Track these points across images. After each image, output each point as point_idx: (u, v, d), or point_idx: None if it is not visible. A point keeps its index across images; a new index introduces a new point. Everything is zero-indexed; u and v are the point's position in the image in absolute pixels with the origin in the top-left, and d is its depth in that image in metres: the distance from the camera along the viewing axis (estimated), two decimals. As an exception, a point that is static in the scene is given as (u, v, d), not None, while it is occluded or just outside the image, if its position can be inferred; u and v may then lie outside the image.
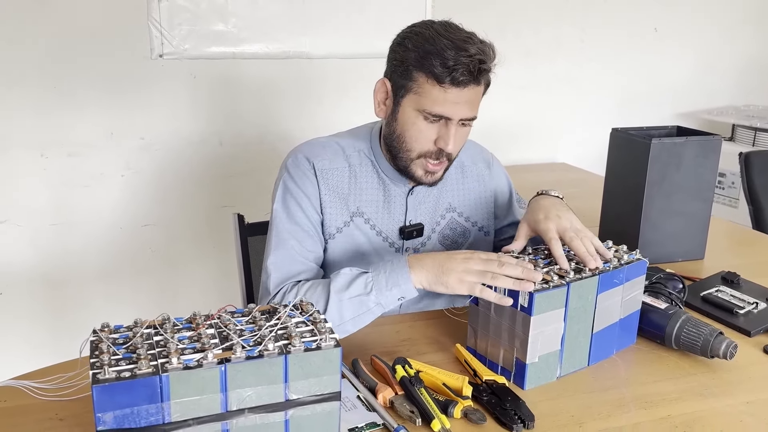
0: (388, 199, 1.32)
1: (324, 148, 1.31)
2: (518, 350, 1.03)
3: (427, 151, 1.22)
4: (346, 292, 1.11)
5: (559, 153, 2.84)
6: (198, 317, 0.85)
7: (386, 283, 1.11)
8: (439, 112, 1.17)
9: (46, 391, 0.98)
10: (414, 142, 1.22)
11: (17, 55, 2.03)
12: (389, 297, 1.11)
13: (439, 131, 1.20)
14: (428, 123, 1.19)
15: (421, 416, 0.93)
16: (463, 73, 1.14)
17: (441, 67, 1.14)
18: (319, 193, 1.27)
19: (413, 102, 1.19)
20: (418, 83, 1.18)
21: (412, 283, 1.10)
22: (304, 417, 0.81)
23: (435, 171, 1.24)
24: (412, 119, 1.20)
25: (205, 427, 0.76)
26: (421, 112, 1.19)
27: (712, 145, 1.57)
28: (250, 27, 2.23)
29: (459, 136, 1.22)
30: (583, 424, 0.95)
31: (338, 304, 1.10)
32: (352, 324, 1.12)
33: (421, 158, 1.23)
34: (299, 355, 0.78)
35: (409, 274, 1.10)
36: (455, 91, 1.16)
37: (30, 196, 2.15)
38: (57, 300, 2.24)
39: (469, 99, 1.18)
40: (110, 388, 0.72)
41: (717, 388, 1.06)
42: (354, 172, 1.30)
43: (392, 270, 1.12)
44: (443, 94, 1.16)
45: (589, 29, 2.73)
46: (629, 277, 1.12)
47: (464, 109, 1.18)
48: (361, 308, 1.11)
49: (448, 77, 1.14)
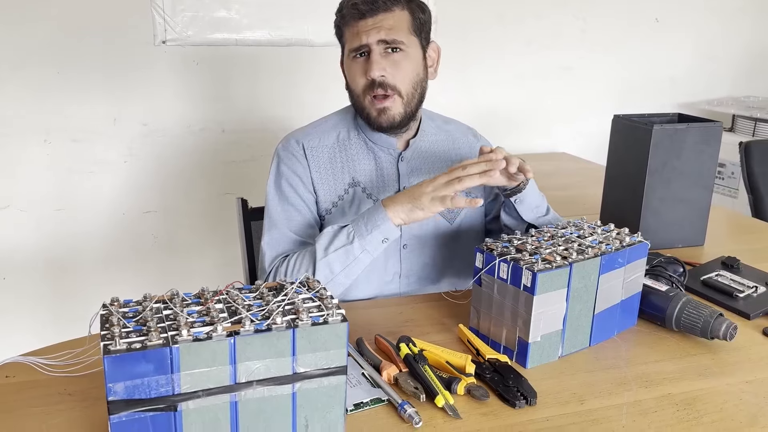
0: (380, 166, 1.36)
1: (315, 128, 1.38)
2: (521, 329, 1.04)
3: (364, 85, 1.29)
4: (330, 246, 1.18)
5: (559, 143, 2.85)
6: (206, 293, 0.86)
7: (366, 228, 1.17)
8: (357, 44, 1.27)
9: (54, 367, 0.99)
10: (353, 83, 1.31)
11: (21, 41, 2.04)
12: (372, 241, 1.17)
13: (365, 64, 1.28)
14: (355, 61, 1.29)
15: (425, 392, 0.94)
16: (363, 2, 1.24)
17: (348, 7, 1.27)
18: (310, 172, 1.33)
19: (346, 53, 1.32)
20: (344, 37, 1.31)
21: (391, 221, 1.17)
22: (311, 390, 0.82)
23: (385, 107, 1.29)
24: (348, 66, 1.32)
25: (215, 398, 0.77)
26: (349, 56, 1.31)
27: (713, 131, 1.58)
28: (252, 14, 2.24)
29: (390, 63, 1.27)
30: (584, 401, 0.96)
31: (325, 260, 1.17)
32: (344, 275, 1.18)
33: (367, 98, 1.29)
34: (307, 329, 0.80)
35: (386, 213, 1.17)
36: (362, 23, 1.26)
37: (33, 182, 2.16)
38: (60, 285, 2.26)
39: (383, 25, 1.26)
40: (121, 359, 0.73)
41: (717, 368, 1.07)
42: (343, 146, 1.36)
43: (369, 215, 1.18)
44: (354, 29, 1.27)
45: (589, 19, 2.74)
46: (630, 259, 1.14)
47: (377, 34, 1.25)
48: (348, 258, 1.17)
49: (347, 12, 1.27)
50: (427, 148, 1.39)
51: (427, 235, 1.37)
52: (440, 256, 1.40)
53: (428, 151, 1.39)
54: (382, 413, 0.92)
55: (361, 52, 1.28)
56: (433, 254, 1.39)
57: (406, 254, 1.36)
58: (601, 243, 1.12)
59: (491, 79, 2.64)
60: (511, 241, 1.11)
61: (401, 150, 1.37)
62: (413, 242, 1.36)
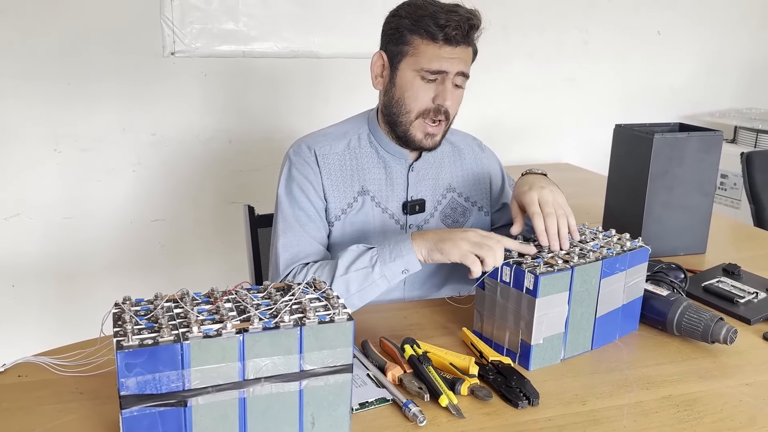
0: (390, 176, 1.37)
1: (325, 136, 1.38)
2: (523, 332, 1.06)
3: (426, 109, 1.28)
4: (352, 266, 1.18)
5: (562, 153, 2.88)
6: (216, 292, 0.89)
7: (390, 255, 1.17)
8: (437, 67, 1.25)
9: (65, 367, 1.01)
10: (413, 102, 1.28)
11: (33, 51, 2.08)
12: (393, 269, 1.17)
13: (436, 89, 1.28)
14: (425, 82, 1.27)
15: (429, 392, 0.96)
16: (455, 29, 1.23)
17: (434, 26, 1.23)
18: (321, 179, 1.34)
19: (410, 64, 1.27)
20: (413, 45, 1.26)
21: (415, 254, 1.16)
22: (318, 387, 0.84)
23: (434, 133, 1.31)
24: (410, 80, 1.28)
25: (224, 394, 0.79)
26: (418, 72, 1.26)
27: (714, 140, 1.60)
28: (260, 26, 2.28)
29: (455, 96, 1.29)
30: (586, 402, 0.98)
31: (345, 277, 1.17)
32: (358, 297, 1.18)
33: (419, 119, 1.29)
34: (314, 327, 0.82)
35: (411, 245, 1.17)
36: (449, 49, 1.25)
37: (43, 190, 2.19)
38: (68, 292, 2.28)
39: (462, 57, 1.27)
40: (133, 354, 0.75)
41: (717, 371, 1.08)
42: (354, 154, 1.37)
43: (396, 243, 1.18)
44: (438, 51, 1.25)
45: (592, 31, 2.77)
46: (632, 264, 1.15)
47: (459, 64, 1.26)
48: (366, 281, 1.17)
49: (441, 34, 1.23)
50: (434, 159, 1.41)
51: None
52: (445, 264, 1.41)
53: (435, 162, 1.41)
54: (387, 412, 0.93)
55: (434, 76, 1.26)
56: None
57: None
58: (603, 247, 1.14)
59: (495, 91, 2.67)
60: (514, 246, 1.13)
61: (413, 160, 1.39)
62: None
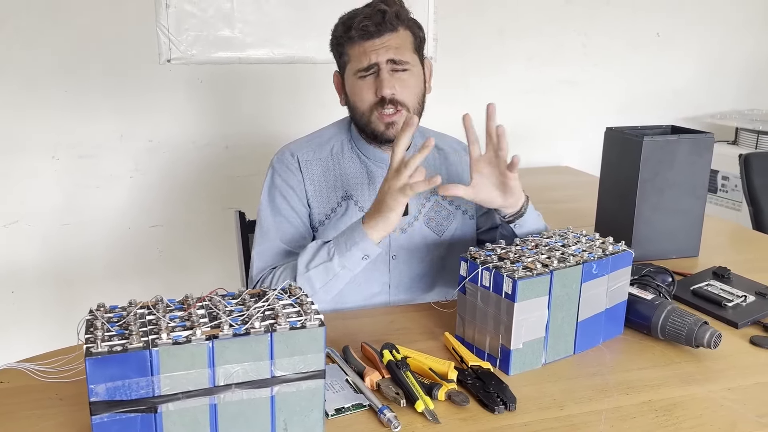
0: (372, 180, 1.39)
1: (309, 142, 1.41)
2: (503, 336, 1.06)
3: (373, 102, 1.31)
4: (312, 262, 1.20)
5: (562, 156, 2.87)
6: (190, 299, 0.89)
7: (346, 245, 1.19)
8: (366, 63, 1.30)
9: (47, 373, 1.02)
10: (360, 102, 1.33)
11: (31, 60, 2.10)
12: (351, 258, 1.19)
13: (375, 83, 1.31)
14: (363, 80, 1.32)
15: (406, 398, 0.95)
16: (364, 21, 1.28)
17: (350, 29, 1.30)
18: (304, 185, 1.36)
19: (350, 71, 1.34)
20: (347, 53, 1.33)
21: (368, 238, 1.18)
22: (290, 393, 0.84)
23: (393, 121, 1.32)
24: (353, 84, 1.33)
25: (194, 400, 0.80)
26: (355, 74, 1.32)
27: (705, 143, 1.59)
28: (255, 32, 2.29)
29: (398, 81, 1.31)
30: (564, 407, 0.97)
31: (306, 275, 1.19)
32: (323, 292, 1.20)
33: (374, 114, 1.32)
34: (284, 333, 0.82)
35: (363, 230, 1.19)
36: (371, 42, 1.30)
37: (42, 197, 2.21)
38: (67, 298, 2.30)
39: (390, 45, 1.30)
40: (102, 361, 0.75)
41: (700, 375, 1.08)
42: (336, 159, 1.39)
43: (350, 232, 1.21)
44: (362, 48, 1.30)
45: (591, 34, 2.76)
46: (614, 268, 1.15)
47: (386, 53, 1.29)
48: (328, 275, 1.20)
49: (356, 32, 1.29)
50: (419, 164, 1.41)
51: (416, 246, 1.39)
52: (430, 267, 1.42)
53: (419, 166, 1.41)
54: (363, 418, 0.93)
55: (369, 72, 1.31)
56: (423, 266, 1.41)
57: (395, 265, 1.38)
58: (584, 251, 1.13)
59: (493, 94, 2.64)
60: (495, 250, 1.13)
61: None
62: (402, 253, 1.38)
